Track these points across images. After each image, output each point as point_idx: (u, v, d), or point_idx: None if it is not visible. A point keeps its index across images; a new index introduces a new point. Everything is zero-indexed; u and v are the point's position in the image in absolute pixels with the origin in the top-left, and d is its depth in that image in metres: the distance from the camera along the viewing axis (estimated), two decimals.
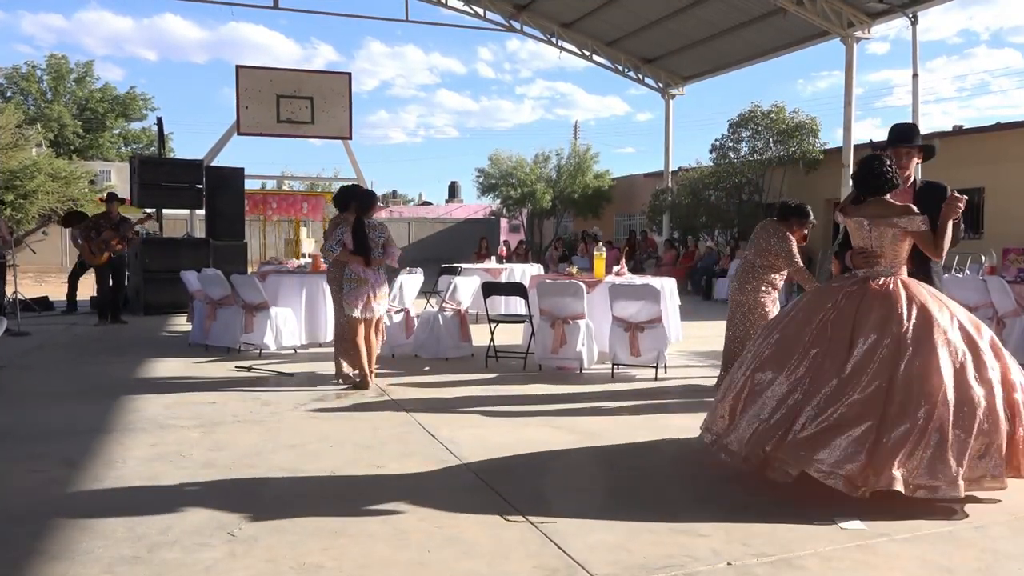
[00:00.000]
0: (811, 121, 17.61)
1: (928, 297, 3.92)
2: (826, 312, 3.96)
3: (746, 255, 6.50)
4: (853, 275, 4.14)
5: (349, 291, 6.36)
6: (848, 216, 4.18)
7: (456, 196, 44.92)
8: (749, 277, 6.29)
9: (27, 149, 25.38)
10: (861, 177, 4.13)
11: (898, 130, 4.55)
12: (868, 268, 4.06)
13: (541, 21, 19.45)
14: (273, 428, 5.15)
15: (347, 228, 6.39)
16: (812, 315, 4.01)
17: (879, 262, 4.04)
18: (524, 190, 25.91)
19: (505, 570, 3.00)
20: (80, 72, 42.47)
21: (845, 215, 4.21)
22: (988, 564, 3.07)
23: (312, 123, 14.06)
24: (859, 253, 4.12)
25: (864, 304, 3.90)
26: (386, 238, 6.52)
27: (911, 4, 13.94)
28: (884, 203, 4.07)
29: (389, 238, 6.56)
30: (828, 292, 4.13)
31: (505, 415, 5.58)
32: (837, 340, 3.84)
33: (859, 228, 4.11)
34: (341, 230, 6.41)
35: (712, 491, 3.95)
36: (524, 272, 12.40)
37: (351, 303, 6.35)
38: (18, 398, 6.08)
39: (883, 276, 4.01)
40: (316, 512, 3.58)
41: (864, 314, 3.86)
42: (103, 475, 4.11)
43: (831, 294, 4.07)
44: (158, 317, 11.64)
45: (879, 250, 4.04)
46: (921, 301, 3.87)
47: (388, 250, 6.51)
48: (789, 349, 3.95)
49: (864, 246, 4.10)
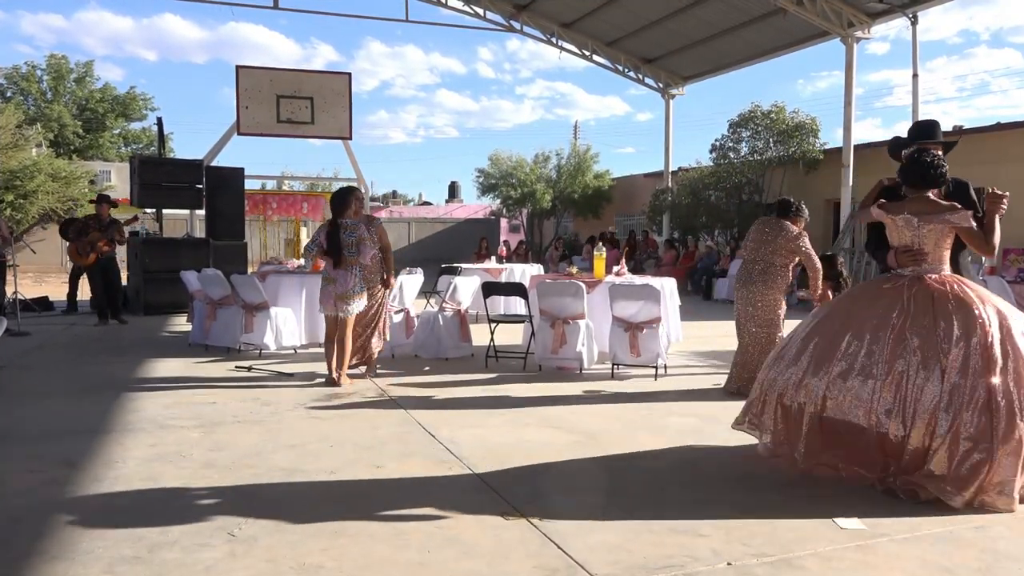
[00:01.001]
0: (811, 121, 17.61)
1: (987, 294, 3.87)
2: (894, 317, 3.83)
3: (750, 255, 6.41)
4: (898, 275, 4.03)
5: (321, 290, 6.67)
6: (892, 213, 4.04)
7: (456, 196, 44.91)
8: (765, 277, 6.24)
9: (27, 149, 25.36)
10: (918, 171, 4.01)
11: (922, 126, 4.46)
12: (915, 266, 3.96)
13: (541, 21, 19.45)
14: (273, 428, 5.14)
15: (323, 229, 6.68)
16: (881, 320, 3.87)
17: (926, 259, 3.95)
18: (524, 190, 25.91)
19: (505, 570, 3.00)
20: (80, 72, 42.42)
21: (887, 212, 4.07)
22: (988, 564, 3.07)
23: (312, 123, 14.04)
24: (905, 251, 3.99)
25: (939, 306, 3.79)
26: (358, 237, 6.53)
27: (911, 4, 13.94)
28: (929, 200, 3.97)
29: (363, 237, 6.54)
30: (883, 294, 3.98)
31: (505, 415, 5.58)
32: (922, 348, 3.72)
33: (906, 226, 3.98)
34: (320, 231, 6.70)
35: (712, 491, 3.95)
36: (524, 272, 12.40)
37: (320, 301, 6.70)
38: (18, 398, 6.08)
39: (934, 274, 3.92)
40: (316, 512, 3.58)
41: (943, 316, 3.75)
42: (103, 475, 4.11)
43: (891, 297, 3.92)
44: (158, 317, 11.63)
45: (926, 247, 3.94)
46: (992, 302, 3.81)
47: (360, 249, 6.54)
48: (869, 358, 3.82)
49: (909, 244, 3.98)
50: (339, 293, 6.51)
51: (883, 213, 4.10)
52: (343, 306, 6.52)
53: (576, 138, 39.49)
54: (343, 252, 6.51)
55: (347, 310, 6.53)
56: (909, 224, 3.96)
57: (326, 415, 5.56)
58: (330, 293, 6.55)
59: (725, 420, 5.44)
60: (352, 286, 6.52)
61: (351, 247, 6.51)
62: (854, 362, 3.86)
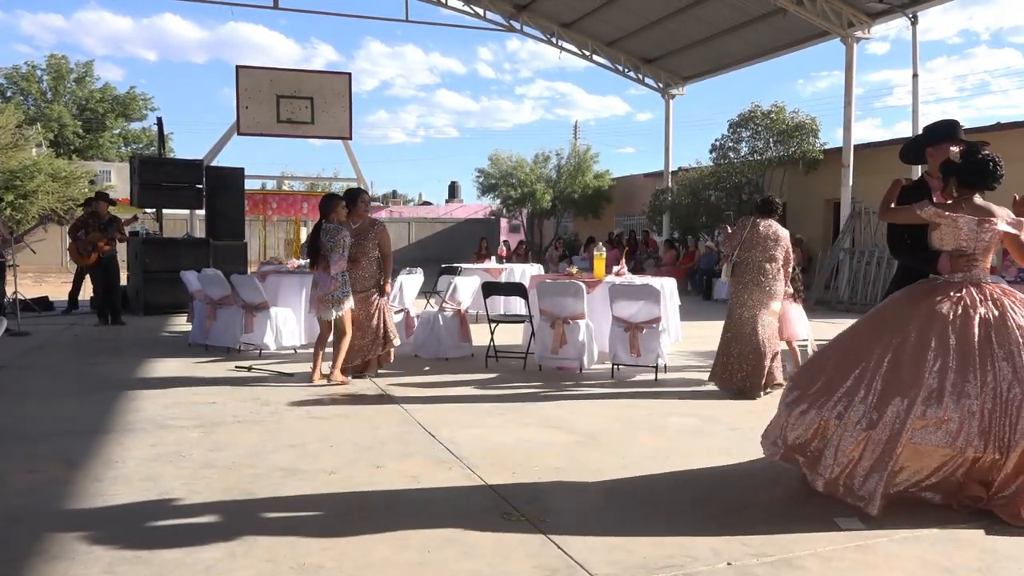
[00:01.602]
0: (811, 121, 17.59)
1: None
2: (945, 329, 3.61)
3: (754, 256, 6.38)
4: (947, 280, 3.80)
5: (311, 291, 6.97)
6: (949, 213, 3.77)
7: (456, 196, 44.92)
8: (767, 278, 6.32)
9: (27, 149, 25.36)
10: (981, 170, 3.77)
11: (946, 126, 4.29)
12: (966, 272, 3.77)
13: (541, 21, 19.44)
14: (273, 428, 5.14)
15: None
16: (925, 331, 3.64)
17: (977, 265, 3.76)
18: (524, 190, 25.89)
19: (505, 570, 3.00)
20: (80, 72, 42.44)
21: (943, 212, 3.78)
22: (988, 564, 3.07)
23: (312, 123, 14.04)
24: (961, 255, 3.78)
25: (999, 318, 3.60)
26: (333, 243, 6.53)
27: (911, 4, 13.94)
28: (979, 204, 3.78)
29: (336, 243, 6.52)
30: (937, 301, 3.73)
31: (505, 415, 5.58)
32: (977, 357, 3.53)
33: (966, 228, 3.74)
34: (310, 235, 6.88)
35: (712, 491, 3.95)
36: (524, 272, 12.39)
37: (309, 302, 7.10)
38: (18, 398, 6.08)
39: (981, 281, 3.73)
40: (316, 512, 3.58)
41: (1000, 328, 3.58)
42: (103, 475, 4.11)
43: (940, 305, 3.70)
44: (158, 317, 11.63)
45: (980, 253, 3.76)
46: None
47: (331, 257, 6.51)
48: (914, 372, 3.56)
49: (963, 248, 3.77)
50: (320, 296, 6.61)
51: (941, 213, 3.80)
52: (324, 309, 6.58)
53: (576, 138, 39.49)
54: (321, 255, 6.58)
55: (328, 313, 6.57)
56: (969, 227, 3.73)
57: (326, 415, 5.56)
58: (314, 296, 6.75)
59: (725, 420, 5.45)
60: (332, 290, 6.53)
61: (328, 251, 6.53)
62: (943, 381, 3.53)
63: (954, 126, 4.30)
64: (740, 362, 6.29)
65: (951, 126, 4.29)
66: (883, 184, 4.34)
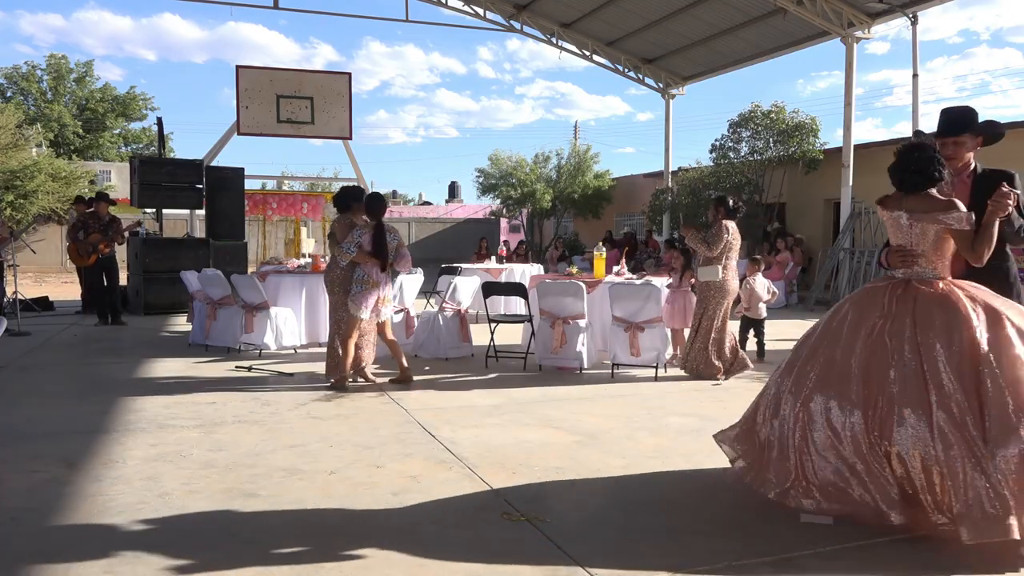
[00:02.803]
0: (811, 121, 17.59)
1: (990, 297, 3.46)
2: (874, 322, 3.50)
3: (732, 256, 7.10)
4: (890, 276, 3.70)
5: (359, 292, 6.39)
6: (887, 210, 3.73)
7: (456, 196, 44.96)
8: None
9: (27, 149, 25.41)
10: (898, 171, 3.68)
11: (948, 117, 4.06)
12: (906, 268, 3.63)
13: (541, 21, 19.44)
14: (273, 428, 5.14)
15: (365, 230, 6.42)
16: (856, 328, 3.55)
17: (918, 262, 3.61)
18: (524, 190, 25.88)
19: (505, 570, 3.00)
20: (80, 72, 42.49)
21: (884, 208, 3.75)
22: (988, 564, 3.07)
23: (312, 123, 14.05)
24: (897, 251, 3.67)
25: (919, 309, 3.44)
26: (399, 242, 6.61)
27: (911, 4, 13.93)
28: (927, 197, 3.63)
29: (401, 242, 6.66)
30: (870, 298, 3.66)
31: (505, 415, 5.58)
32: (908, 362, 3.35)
33: (897, 224, 3.67)
34: (358, 232, 6.42)
35: (711, 491, 3.95)
36: (524, 272, 12.41)
37: (359, 304, 6.37)
38: (18, 398, 6.08)
39: (925, 278, 3.57)
40: (316, 512, 3.58)
41: (924, 322, 3.40)
42: (103, 475, 4.11)
43: (875, 299, 3.61)
44: (158, 317, 11.63)
45: (919, 249, 3.61)
46: (984, 299, 3.42)
47: (400, 254, 6.57)
48: (843, 372, 3.48)
49: (903, 243, 3.66)
50: (384, 296, 6.52)
51: (879, 209, 3.79)
52: (384, 310, 6.56)
53: (576, 138, 39.44)
54: (389, 256, 6.49)
55: (387, 313, 6.62)
56: (899, 223, 3.66)
57: (326, 415, 5.56)
58: (374, 296, 6.41)
59: (725, 420, 5.44)
60: (393, 290, 6.64)
61: (393, 252, 6.52)
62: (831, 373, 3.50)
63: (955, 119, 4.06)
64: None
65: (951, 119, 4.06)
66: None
